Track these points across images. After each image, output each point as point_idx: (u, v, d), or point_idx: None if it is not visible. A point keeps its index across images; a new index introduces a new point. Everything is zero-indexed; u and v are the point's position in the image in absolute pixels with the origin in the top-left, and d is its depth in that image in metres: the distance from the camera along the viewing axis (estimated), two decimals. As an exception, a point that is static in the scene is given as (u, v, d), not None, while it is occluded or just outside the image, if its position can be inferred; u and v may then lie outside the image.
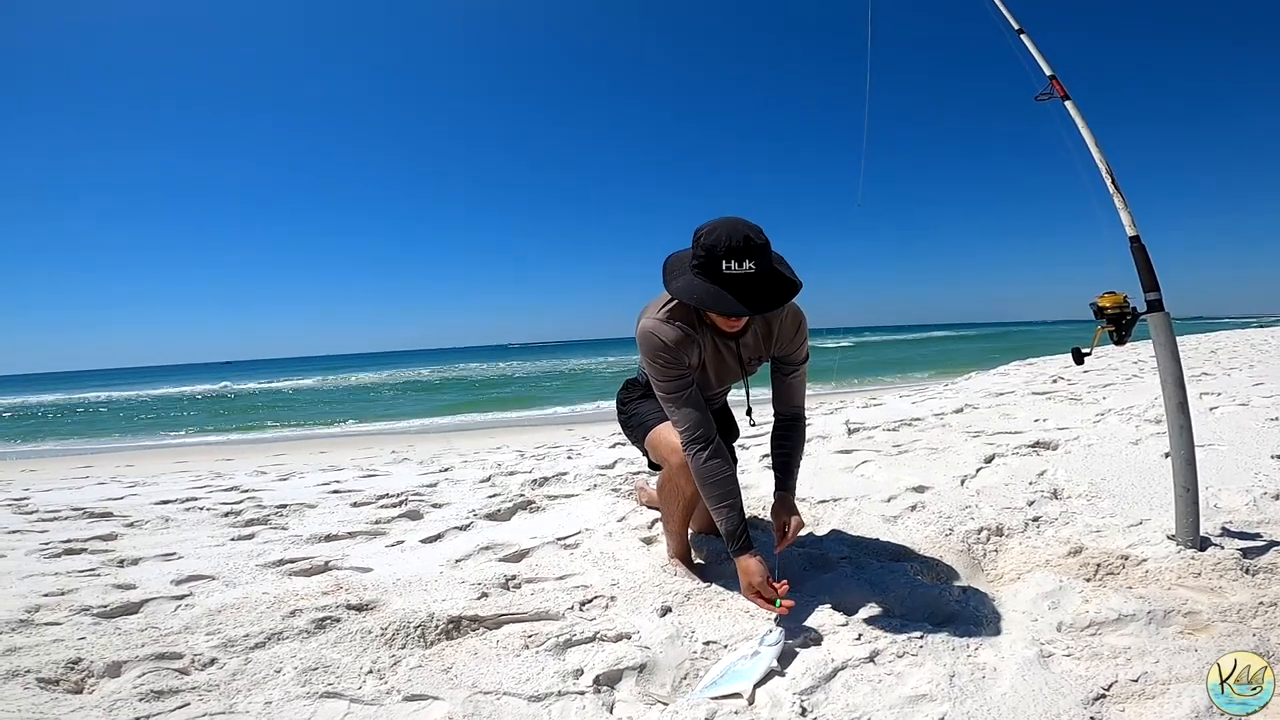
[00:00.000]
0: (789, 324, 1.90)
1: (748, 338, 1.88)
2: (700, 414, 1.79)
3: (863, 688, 1.36)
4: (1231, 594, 1.67)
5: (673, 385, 1.79)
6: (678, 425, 1.81)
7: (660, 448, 1.96)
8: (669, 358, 1.77)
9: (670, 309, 1.80)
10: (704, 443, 1.77)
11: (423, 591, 1.98)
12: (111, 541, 2.75)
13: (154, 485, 4.26)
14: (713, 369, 1.92)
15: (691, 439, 1.78)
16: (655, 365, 1.78)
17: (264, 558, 2.40)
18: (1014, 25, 2.17)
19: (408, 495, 3.40)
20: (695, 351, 1.82)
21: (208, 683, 1.48)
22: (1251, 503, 2.34)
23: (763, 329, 1.90)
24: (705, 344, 1.84)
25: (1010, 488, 2.80)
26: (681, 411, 1.79)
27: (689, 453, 1.79)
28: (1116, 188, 1.95)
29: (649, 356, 1.78)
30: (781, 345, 1.92)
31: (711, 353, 1.87)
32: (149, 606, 1.97)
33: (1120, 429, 3.90)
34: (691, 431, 1.78)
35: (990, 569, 2.06)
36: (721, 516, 1.75)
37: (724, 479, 1.75)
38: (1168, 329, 1.92)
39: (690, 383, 1.81)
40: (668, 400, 1.81)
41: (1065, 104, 2.05)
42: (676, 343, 1.77)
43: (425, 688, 1.44)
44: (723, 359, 1.90)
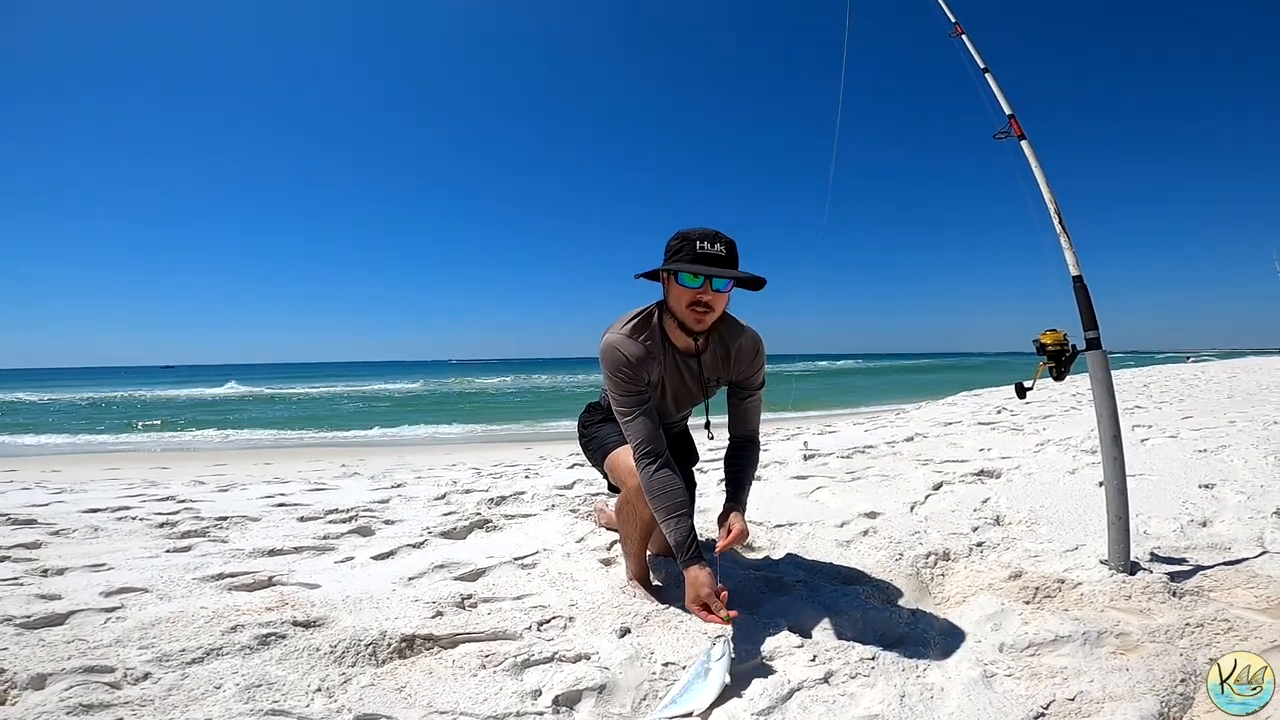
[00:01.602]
0: (748, 348, 1.97)
1: (707, 357, 1.94)
2: (653, 430, 1.85)
3: (818, 708, 1.38)
4: (1160, 615, 1.76)
5: (629, 401, 1.84)
6: (631, 439, 1.86)
7: (618, 470, 1.98)
8: (629, 373, 1.83)
9: (634, 324, 1.86)
10: (654, 457, 1.82)
11: (374, 609, 1.93)
12: (35, 550, 2.59)
13: (82, 492, 4.04)
14: (671, 390, 1.97)
15: (643, 454, 1.83)
16: (615, 379, 1.84)
17: (202, 571, 2.30)
18: (980, 64, 2.29)
19: (358, 511, 3.30)
20: (655, 368, 1.88)
21: (141, 697, 1.40)
22: (1179, 529, 2.49)
23: (721, 350, 1.96)
24: (666, 362, 1.90)
25: (956, 514, 2.90)
26: (635, 425, 1.84)
27: (639, 466, 1.84)
28: (1063, 227, 2.07)
29: (609, 370, 1.83)
30: (740, 369, 1.98)
31: (672, 372, 1.92)
32: (76, 618, 1.86)
33: (1058, 459, 4.09)
34: (643, 446, 1.83)
35: (938, 592, 2.13)
36: (670, 528, 1.78)
37: (672, 491, 1.80)
38: (1104, 366, 2.04)
39: (646, 399, 1.86)
40: (623, 414, 1.86)
41: (1021, 143, 2.17)
42: (637, 358, 1.83)
43: (378, 707, 1.39)
44: (682, 379, 1.95)
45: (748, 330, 1.98)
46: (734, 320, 1.98)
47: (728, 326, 1.96)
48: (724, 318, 1.95)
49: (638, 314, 1.90)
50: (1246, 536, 2.38)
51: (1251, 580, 1.96)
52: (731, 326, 1.96)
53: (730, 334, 1.96)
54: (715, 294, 1.77)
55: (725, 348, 1.96)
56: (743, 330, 1.97)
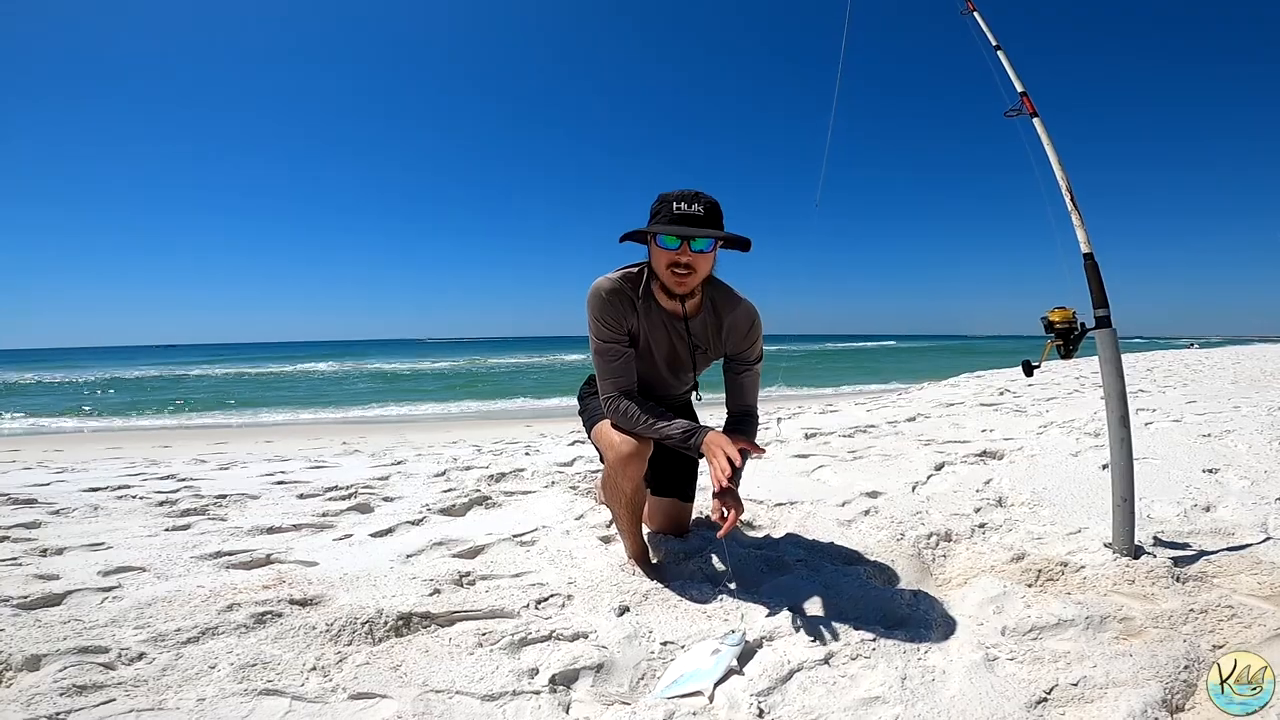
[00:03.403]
0: (742, 320, 1.94)
1: (696, 324, 1.93)
2: (628, 375, 1.87)
3: (818, 689, 1.37)
4: (1163, 601, 1.74)
5: (607, 348, 1.86)
6: (603, 380, 1.88)
7: (600, 441, 1.96)
8: (608, 317, 1.85)
9: (624, 273, 1.89)
10: (624, 395, 1.85)
11: (371, 587, 1.92)
12: (35, 530, 2.58)
13: (84, 472, 4.03)
14: (659, 354, 1.96)
15: (609, 394, 1.86)
16: (595, 322, 1.86)
17: (200, 549, 2.29)
18: (992, 41, 2.23)
19: (358, 488, 3.29)
20: (635, 318, 1.88)
21: (135, 678, 1.40)
22: (1183, 514, 2.47)
23: (714, 321, 1.95)
24: (652, 320, 1.90)
25: (958, 495, 2.88)
26: (610, 366, 1.86)
27: (608, 407, 1.87)
28: (1075, 205, 2.02)
29: (591, 313, 1.86)
30: (734, 342, 1.96)
31: (659, 333, 1.92)
32: (73, 598, 1.85)
33: (1061, 441, 4.06)
34: (614, 386, 1.86)
35: (939, 573, 2.11)
36: (666, 433, 1.79)
37: (648, 408, 1.82)
38: (1113, 345, 2.00)
39: (625, 348, 1.88)
40: (600, 357, 1.87)
41: (1033, 121, 2.11)
42: (617, 299, 1.85)
43: (373, 685, 1.38)
44: (671, 343, 1.94)
45: (744, 303, 1.95)
46: (730, 292, 1.95)
47: (723, 297, 1.94)
48: (720, 287, 1.94)
49: (631, 265, 1.91)
50: (1250, 522, 2.36)
51: (1255, 566, 1.94)
52: (727, 298, 1.94)
53: (725, 305, 1.93)
54: (696, 255, 1.74)
55: (719, 319, 1.94)
56: (739, 303, 1.94)
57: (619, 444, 1.83)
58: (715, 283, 1.94)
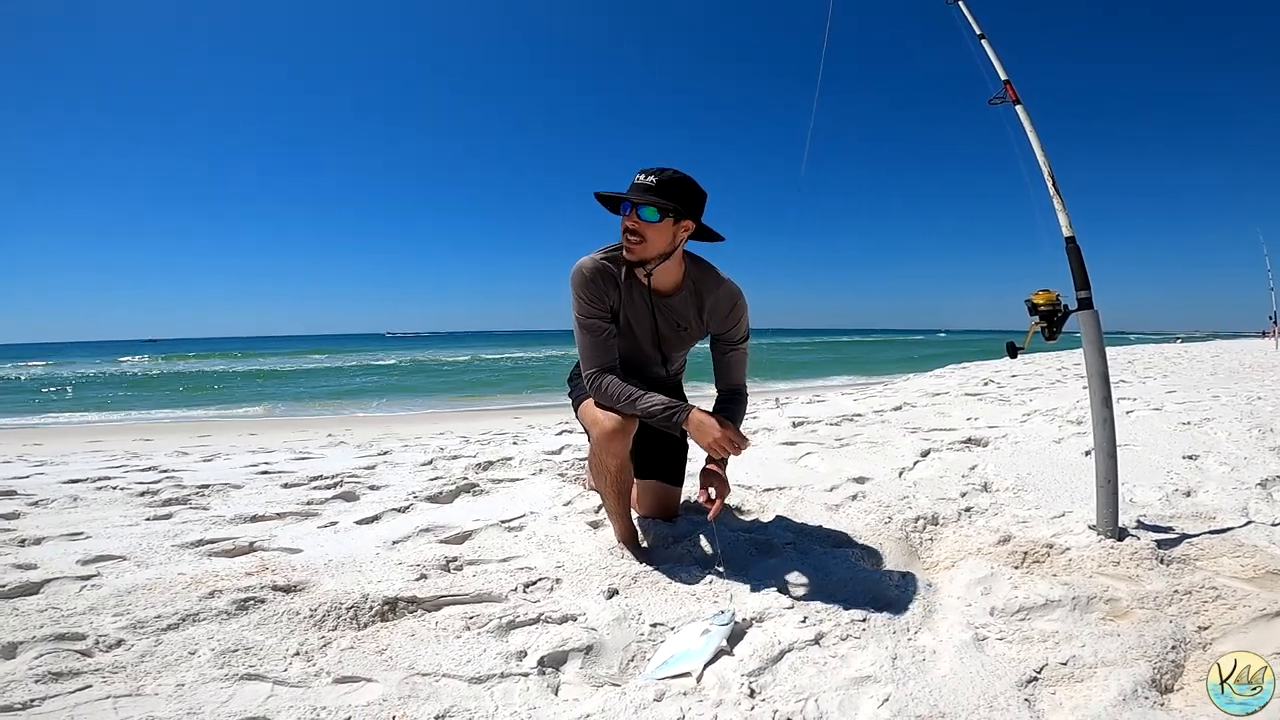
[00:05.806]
0: (724, 300, 1.96)
1: (676, 302, 1.95)
2: (610, 352, 1.88)
3: (809, 669, 1.37)
4: (1148, 582, 1.76)
5: (590, 324, 1.87)
6: (585, 358, 1.88)
7: (585, 419, 1.96)
8: (591, 294, 1.86)
9: (606, 250, 1.91)
10: (606, 371, 1.86)
11: (356, 573, 1.89)
12: (13, 520, 2.52)
13: (63, 465, 3.95)
14: (643, 329, 1.98)
15: (591, 371, 1.87)
16: (578, 299, 1.87)
17: (181, 538, 2.24)
18: (976, 30, 2.23)
19: (343, 477, 3.25)
20: (614, 292, 1.90)
21: (113, 664, 1.37)
22: (1164, 498, 2.50)
23: (695, 300, 1.97)
24: (632, 297, 1.92)
25: (944, 480, 2.90)
26: (592, 341, 1.87)
27: (590, 383, 1.87)
28: (1056, 190, 2.03)
29: (574, 290, 1.87)
30: (717, 322, 1.99)
31: (640, 309, 1.95)
32: (51, 587, 1.81)
33: (1044, 428, 4.10)
34: (596, 363, 1.86)
35: (926, 556, 2.12)
36: (648, 408, 1.79)
37: (631, 384, 1.82)
38: (1096, 326, 2.01)
39: (607, 324, 1.88)
40: (583, 333, 1.88)
41: (1016, 108, 2.11)
42: (598, 275, 1.86)
43: (358, 669, 1.36)
44: (653, 318, 1.97)
45: (726, 283, 1.97)
46: (714, 272, 1.97)
47: (705, 277, 1.95)
48: (704, 268, 1.96)
49: (616, 245, 1.92)
50: (1231, 506, 2.39)
51: (1237, 549, 1.96)
52: (710, 277, 1.96)
53: (707, 285, 1.95)
54: (644, 224, 1.77)
55: (700, 299, 1.96)
56: (721, 283, 1.96)
57: (602, 420, 1.83)
58: (699, 263, 1.97)
